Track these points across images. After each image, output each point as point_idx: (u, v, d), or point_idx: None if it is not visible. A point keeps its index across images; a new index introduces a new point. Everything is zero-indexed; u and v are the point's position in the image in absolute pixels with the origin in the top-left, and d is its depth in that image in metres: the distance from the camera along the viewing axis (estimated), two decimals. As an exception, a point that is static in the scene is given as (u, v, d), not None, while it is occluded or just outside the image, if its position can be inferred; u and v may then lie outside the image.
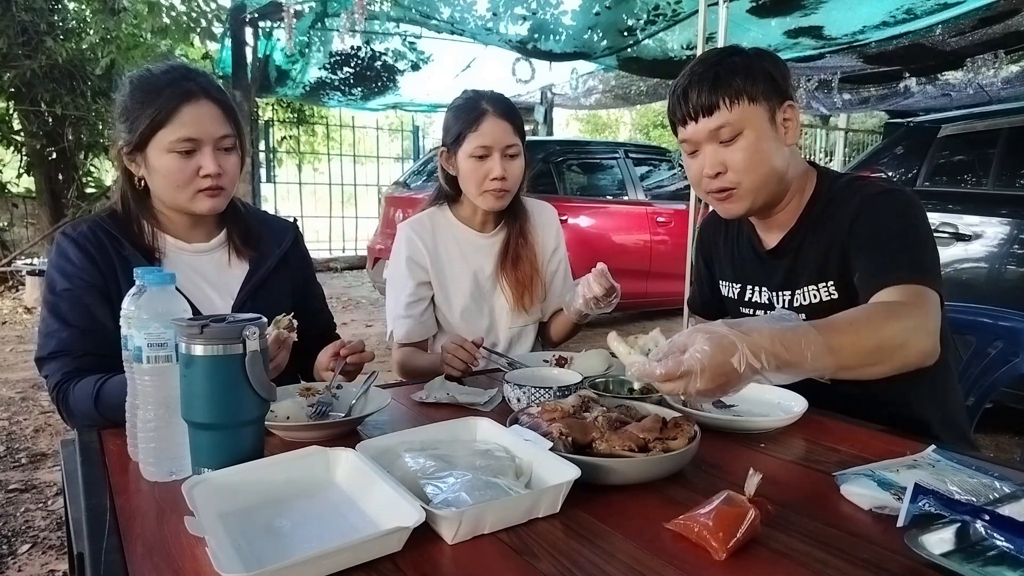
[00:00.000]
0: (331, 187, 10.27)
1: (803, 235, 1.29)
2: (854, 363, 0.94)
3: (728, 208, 1.28)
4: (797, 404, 1.14)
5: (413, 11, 5.69)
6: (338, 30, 6.52)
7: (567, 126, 17.11)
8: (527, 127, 1.79)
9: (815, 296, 1.28)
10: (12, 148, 7.26)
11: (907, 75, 7.17)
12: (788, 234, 1.32)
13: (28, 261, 7.20)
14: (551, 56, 6.31)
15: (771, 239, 1.36)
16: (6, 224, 7.49)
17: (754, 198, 1.24)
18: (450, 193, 1.72)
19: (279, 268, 1.41)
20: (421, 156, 8.79)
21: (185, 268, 1.31)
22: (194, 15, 6.43)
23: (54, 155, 7.00)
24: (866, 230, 1.18)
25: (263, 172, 9.22)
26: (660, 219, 5.66)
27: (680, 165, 4.30)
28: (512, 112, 1.62)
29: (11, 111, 7.01)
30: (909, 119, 4.02)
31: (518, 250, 1.70)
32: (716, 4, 3.21)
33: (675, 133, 1.29)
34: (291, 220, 1.55)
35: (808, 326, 0.92)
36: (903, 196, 1.20)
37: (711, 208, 1.47)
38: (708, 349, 0.82)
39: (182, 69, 1.26)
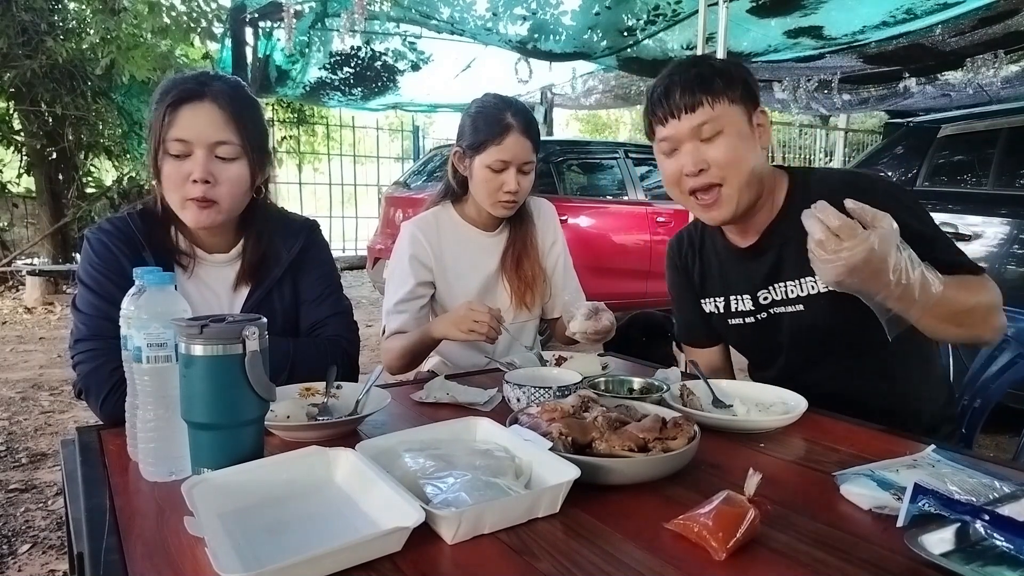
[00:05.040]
0: (331, 187, 10.28)
1: (784, 229, 1.29)
2: (948, 318, 1.06)
3: (714, 214, 1.28)
4: (797, 404, 1.14)
5: (413, 11, 5.68)
6: (338, 30, 6.51)
7: (567, 126, 17.10)
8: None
9: (812, 287, 1.28)
10: (12, 148, 7.26)
11: (907, 75, 7.16)
12: (767, 230, 1.32)
13: (28, 261, 7.20)
14: (551, 56, 6.31)
15: (746, 241, 1.36)
16: (6, 224, 7.50)
17: (738, 200, 1.24)
18: (456, 191, 1.73)
19: (284, 278, 1.36)
20: (421, 156, 8.78)
21: (202, 277, 1.30)
22: (194, 15, 6.43)
23: (54, 155, 7.01)
24: None
25: (263, 172, 9.20)
26: (660, 219, 5.66)
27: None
28: (533, 129, 1.63)
29: (11, 111, 7.02)
30: (909, 119, 4.02)
31: (522, 251, 1.72)
32: (716, 4, 3.20)
33: (650, 136, 1.30)
34: (308, 220, 1.46)
35: (936, 274, 1.02)
36: (903, 192, 1.24)
37: (679, 231, 1.52)
38: (879, 239, 0.95)
39: (206, 74, 1.23)
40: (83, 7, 7.14)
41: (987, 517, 0.69)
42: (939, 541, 0.69)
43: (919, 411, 1.32)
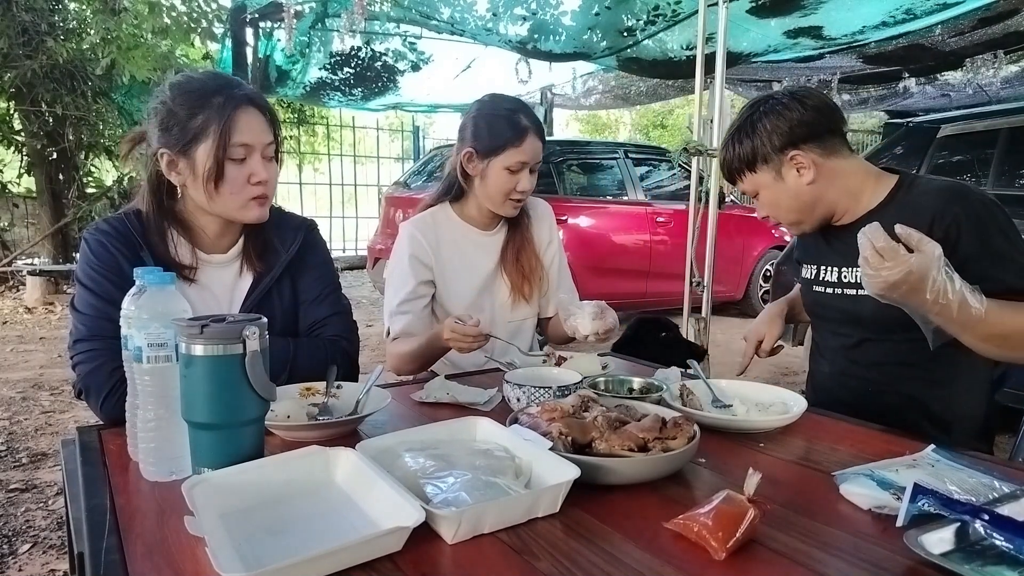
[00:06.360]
0: (331, 187, 10.28)
1: (880, 216, 1.32)
2: (989, 339, 1.11)
3: (789, 231, 1.51)
4: (796, 404, 1.14)
5: (413, 11, 5.68)
6: (338, 30, 6.51)
7: (567, 126, 17.10)
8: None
9: None
10: (13, 148, 7.27)
11: (906, 75, 7.16)
12: (863, 216, 1.37)
13: (29, 261, 7.21)
14: (551, 56, 6.31)
15: (843, 221, 1.43)
16: (7, 224, 7.50)
17: (800, 225, 1.43)
18: (458, 192, 1.74)
19: (283, 276, 1.37)
20: (421, 156, 8.79)
21: (200, 279, 1.30)
22: (195, 15, 6.44)
23: (55, 155, 7.01)
24: (977, 242, 1.23)
25: (263, 172, 9.20)
26: (660, 219, 5.67)
27: (679, 165, 4.30)
28: (542, 129, 1.69)
29: (12, 111, 7.02)
30: (909, 119, 4.02)
31: (521, 245, 1.75)
32: (716, 4, 3.21)
33: None
34: (306, 220, 1.48)
35: (980, 297, 1.06)
36: (996, 208, 1.28)
37: None
38: (918, 262, 1.02)
39: (225, 77, 1.27)
40: (83, 7, 7.14)
41: (986, 517, 0.69)
42: (939, 541, 0.70)
43: (959, 419, 1.36)
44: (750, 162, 1.39)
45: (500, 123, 1.63)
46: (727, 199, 5.72)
